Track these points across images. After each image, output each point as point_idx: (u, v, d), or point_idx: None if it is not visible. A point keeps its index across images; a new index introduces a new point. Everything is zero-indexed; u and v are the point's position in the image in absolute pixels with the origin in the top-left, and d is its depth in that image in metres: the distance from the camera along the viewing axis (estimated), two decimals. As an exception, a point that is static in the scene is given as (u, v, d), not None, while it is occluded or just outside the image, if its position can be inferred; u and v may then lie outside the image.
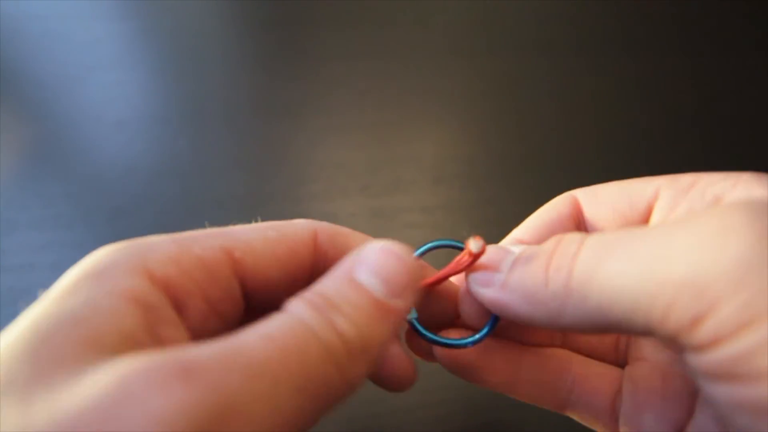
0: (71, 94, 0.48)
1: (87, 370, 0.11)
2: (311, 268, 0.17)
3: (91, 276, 0.14)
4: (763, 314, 0.11)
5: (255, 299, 0.17)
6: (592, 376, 0.19)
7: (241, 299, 0.16)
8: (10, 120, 0.46)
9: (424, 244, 0.20)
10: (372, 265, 0.15)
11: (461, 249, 0.19)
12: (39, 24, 0.51)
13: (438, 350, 0.19)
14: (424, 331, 0.19)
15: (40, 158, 0.44)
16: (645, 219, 0.18)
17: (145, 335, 0.13)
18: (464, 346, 0.19)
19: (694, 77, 0.51)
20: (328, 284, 0.15)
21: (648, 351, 0.19)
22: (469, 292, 0.18)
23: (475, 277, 0.17)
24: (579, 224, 0.20)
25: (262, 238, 0.16)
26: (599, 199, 0.19)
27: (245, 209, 0.42)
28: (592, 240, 0.15)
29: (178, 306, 0.15)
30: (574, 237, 0.15)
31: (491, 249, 0.18)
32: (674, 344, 0.13)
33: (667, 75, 0.51)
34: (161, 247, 0.15)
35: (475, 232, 0.20)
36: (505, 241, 0.20)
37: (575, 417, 0.20)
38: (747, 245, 0.12)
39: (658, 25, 0.54)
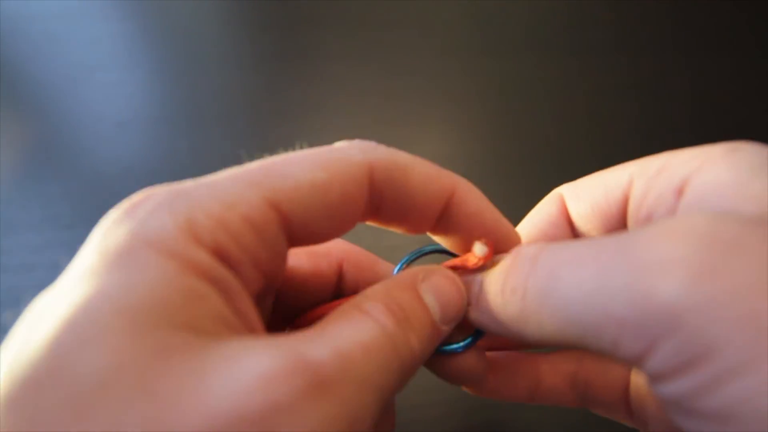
0: (71, 94, 0.48)
1: (207, 362, 0.11)
2: (364, 207, 0.16)
3: (148, 245, 0.12)
4: (701, 356, 0.12)
5: (295, 244, 0.15)
6: (602, 372, 0.19)
7: (286, 254, 0.15)
8: (10, 120, 0.46)
9: (412, 253, 0.19)
10: (435, 289, 0.16)
11: (450, 254, 0.19)
12: (39, 24, 0.51)
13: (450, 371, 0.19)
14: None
15: (40, 158, 0.44)
16: (622, 211, 0.18)
17: (234, 316, 0.13)
18: (453, 351, 0.18)
19: (691, 77, 0.51)
20: (399, 294, 0.15)
21: None
22: None
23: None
24: (569, 222, 0.19)
25: (310, 183, 0.14)
26: (580, 196, 0.19)
27: (245, 209, 0.42)
28: (544, 258, 0.15)
29: (235, 268, 0.13)
30: (529, 253, 0.15)
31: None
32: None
33: (666, 75, 0.51)
34: (204, 206, 0.13)
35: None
36: None
37: (595, 411, 0.20)
38: (682, 285, 0.12)
39: (657, 26, 0.54)
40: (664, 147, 0.17)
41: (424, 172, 0.16)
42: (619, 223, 0.18)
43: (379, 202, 0.16)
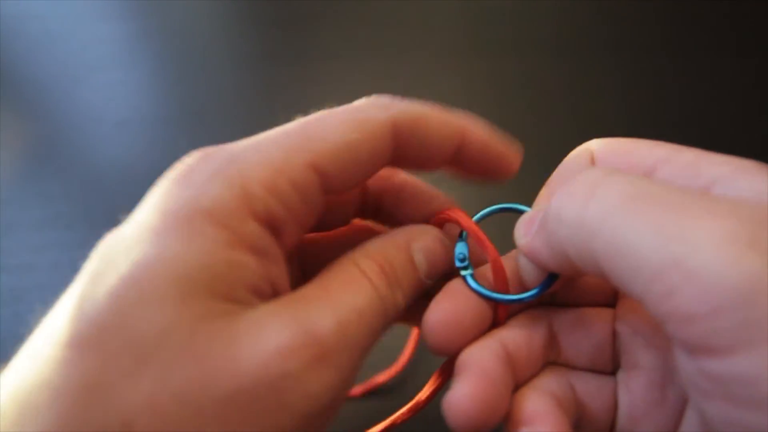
0: (71, 94, 0.48)
1: (234, 327, 0.13)
2: (388, 158, 0.17)
3: (205, 215, 0.14)
4: (764, 339, 0.11)
5: (329, 194, 0.17)
6: (594, 395, 0.18)
7: (322, 207, 0.17)
8: (10, 120, 0.46)
9: (485, 209, 0.21)
10: (426, 250, 0.18)
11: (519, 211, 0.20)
12: (39, 24, 0.51)
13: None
14: (480, 288, 0.18)
15: (40, 158, 0.44)
16: None
17: (265, 283, 0.15)
18: (523, 300, 0.18)
19: (685, 77, 0.51)
20: (393, 254, 0.17)
21: (645, 358, 0.18)
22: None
23: (519, 227, 0.18)
24: None
25: (346, 145, 0.16)
26: (606, 159, 0.18)
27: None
28: (618, 179, 0.14)
29: (276, 234, 0.15)
30: (603, 169, 0.15)
31: (532, 209, 0.19)
32: (663, 328, 0.13)
33: (662, 75, 0.51)
34: (258, 174, 0.15)
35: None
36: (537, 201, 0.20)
37: None
38: (764, 264, 0.11)
39: (653, 26, 0.55)
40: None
41: (439, 120, 0.18)
42: None
43: (402, 151, 0.18)
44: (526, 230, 0.18)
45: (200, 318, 0.13)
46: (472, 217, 0.20)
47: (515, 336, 0.18)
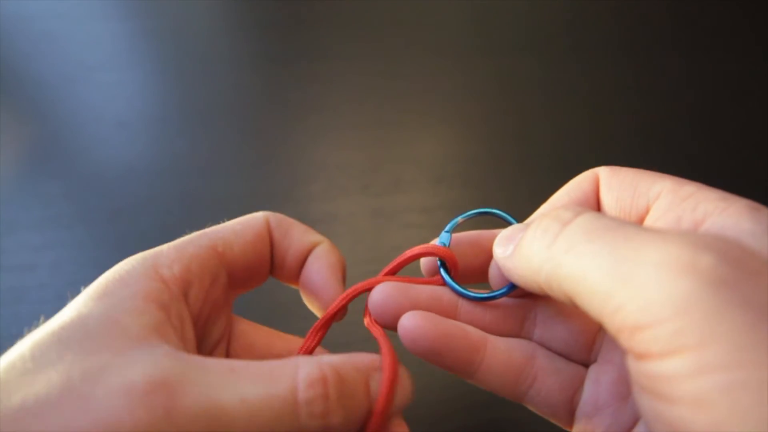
0: (71, 94, 0.48)
1: (123, 358, 0.15)
2: (270, 245, 0.22)
3: (117, 281, 0.17)
4: (692, 346, 0.13)
5: (238, 275, 0.21)
6: (553, 372, 0.20)
7: (226, 279, 0.21)
8: (10, 120, 0.46)
9: (467, 212, 0.23)
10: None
11: (507, 221, 0.22)
12: (39, 24, 0.51)
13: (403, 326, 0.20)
14: (453, 284, 0.21)
15: (40, 158, 0.44)
16: (641, 218, 0.19)
17: (166, 326, 0.17)
18: (485, 299, 0.21)
19: (690, 76, 0.51)
20: (349, 372, 0.17)
21: (618, 356, 0.20)
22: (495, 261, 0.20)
23: (498, 242, 0.20)
24: (598, 201, 0.20)
25: (233, 231, 0.21)
26: (611, 185, 0.20)
27: (245, 209, 0.42)
28: (583, 217, 0.16)
29: (185, 292, 0.19)
30: (572, 210, 0.17)
31: (512, 227, 0.20)
32: (616, 340, 0.15)
33: (665, 75, 0.51)
34: (165, 253, 0.19)
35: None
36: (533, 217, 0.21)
37: (531, 408, 0.21)
38: (698, 284, 0.13)
39: (657, 26, 0.55)
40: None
41: (301, 226, 0.23)
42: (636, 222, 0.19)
43: (277, 240, 0.22)
44: (504, 247, 0.19)
45: (93, 354, 0.15)
46: (458, 216, 0.23)
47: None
